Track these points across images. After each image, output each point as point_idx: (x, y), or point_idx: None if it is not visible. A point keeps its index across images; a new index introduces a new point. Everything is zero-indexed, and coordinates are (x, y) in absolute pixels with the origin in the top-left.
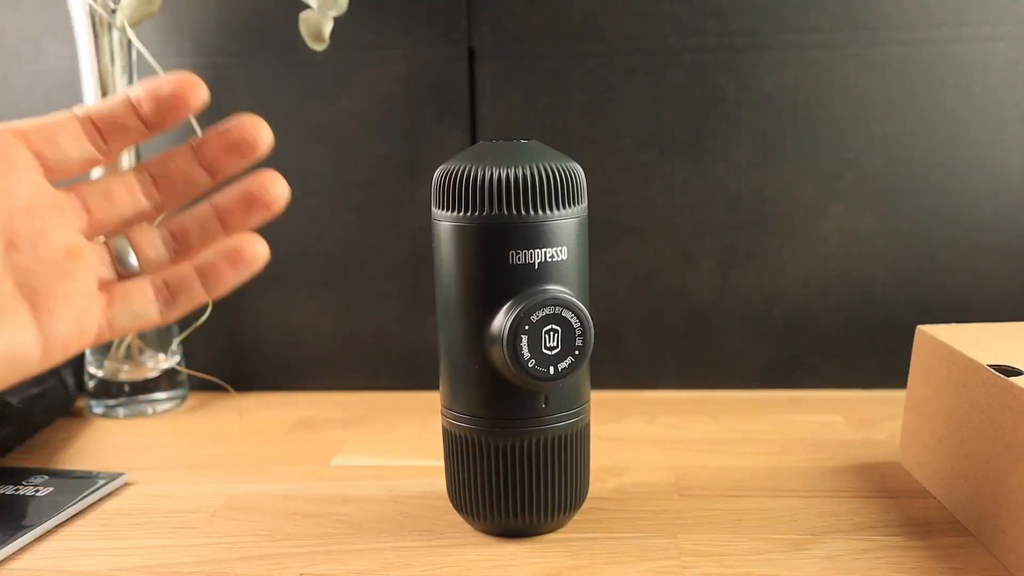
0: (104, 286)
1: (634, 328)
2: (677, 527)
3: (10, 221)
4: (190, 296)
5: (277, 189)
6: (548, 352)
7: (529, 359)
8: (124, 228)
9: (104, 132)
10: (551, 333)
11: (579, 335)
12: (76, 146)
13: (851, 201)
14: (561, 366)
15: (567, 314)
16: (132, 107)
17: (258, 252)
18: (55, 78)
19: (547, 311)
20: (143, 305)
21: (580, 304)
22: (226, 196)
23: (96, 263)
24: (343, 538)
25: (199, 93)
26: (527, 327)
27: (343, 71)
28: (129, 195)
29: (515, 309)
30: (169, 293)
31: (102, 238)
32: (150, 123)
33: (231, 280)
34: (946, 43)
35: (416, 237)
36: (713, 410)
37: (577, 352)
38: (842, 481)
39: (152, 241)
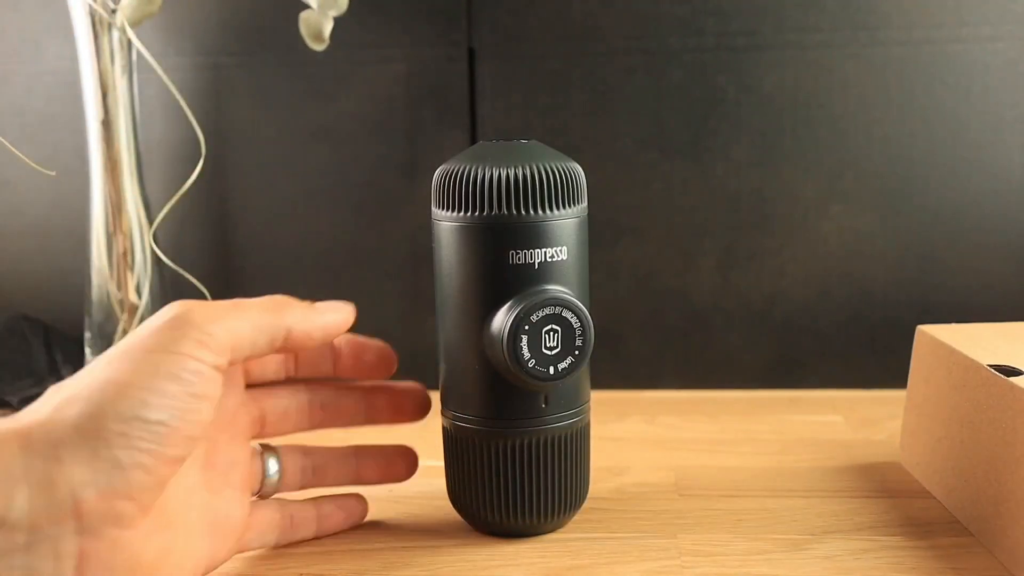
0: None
1: (634, 328)
2: (677, 527)
3: (217, 438)
4: (306, 531)
5: (412, 467)
6: (548, 352)
7: (529, 359)
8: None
9: (300, 361)
10: (551, 333)
11: (579, 335)
12: (274, 369)
13: (851, 201)
14: (561, 366)
15: (567, 314)
16: (333, 351)
17: (364, 511)
18: (55, 78)
19: (547, 311)
20: (271, 533)
21: (580, 304)
22: (370, 453)
23: (255, 482)
24: (343, 538)
25: (392, 367)
26: (527, 327)
27: (343, 71)
28: (298, 417)
29: (515, 309)
30: (292, 527)
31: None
32: (340, 371)
33: (340, 527)
34: (946, 43)
35: (416, 237)
36: (713, 410)
37: (577, 352)
38: (842, 481)
39: (296, 466)
